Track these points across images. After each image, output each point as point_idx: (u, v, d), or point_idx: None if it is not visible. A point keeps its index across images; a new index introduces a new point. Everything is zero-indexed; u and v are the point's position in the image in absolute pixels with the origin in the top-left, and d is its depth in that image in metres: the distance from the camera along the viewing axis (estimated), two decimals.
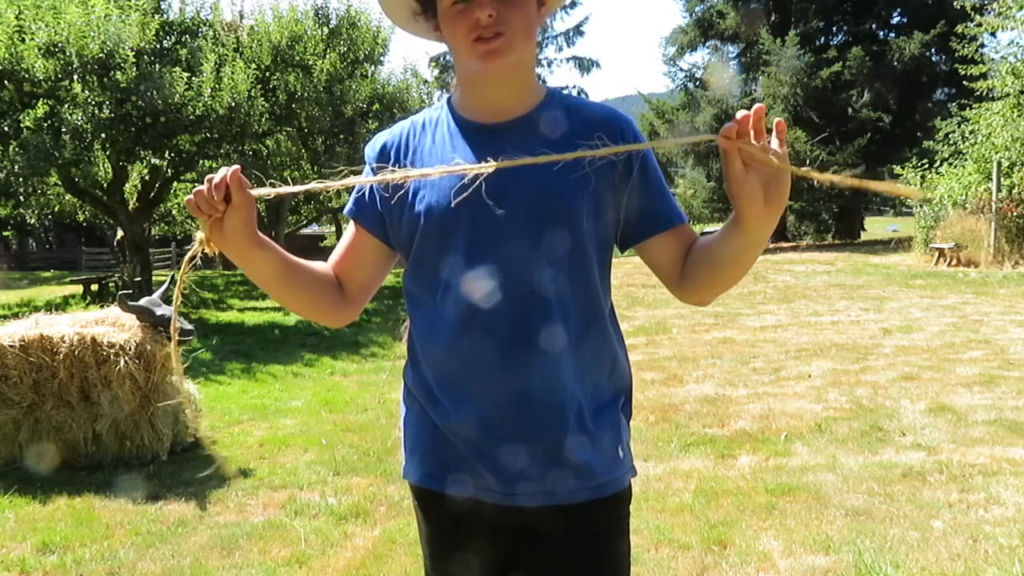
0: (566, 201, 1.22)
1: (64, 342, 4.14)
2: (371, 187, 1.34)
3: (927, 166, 17.30)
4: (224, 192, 1.15)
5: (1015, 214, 14.41)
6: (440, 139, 1.30)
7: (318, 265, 1.36)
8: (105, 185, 12.14)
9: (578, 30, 49.44)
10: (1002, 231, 14.34)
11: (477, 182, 1.15)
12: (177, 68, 9.61)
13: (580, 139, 1.25)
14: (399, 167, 1.29)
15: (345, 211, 1.39)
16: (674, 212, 1.32)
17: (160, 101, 9.33)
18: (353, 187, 1.37)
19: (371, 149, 1.37)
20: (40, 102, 9.45)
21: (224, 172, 1.16)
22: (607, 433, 1.30)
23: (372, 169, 1.34)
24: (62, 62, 9.22)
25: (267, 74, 11.54)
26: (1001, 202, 14.45)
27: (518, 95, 1.28)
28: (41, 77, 9.14)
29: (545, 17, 1.30)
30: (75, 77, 9.37)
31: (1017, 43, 16.28)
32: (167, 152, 11.02)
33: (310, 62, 11.92)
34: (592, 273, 1.27)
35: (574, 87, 37.93)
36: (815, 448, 4.20)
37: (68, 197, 15.21)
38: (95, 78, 9.38)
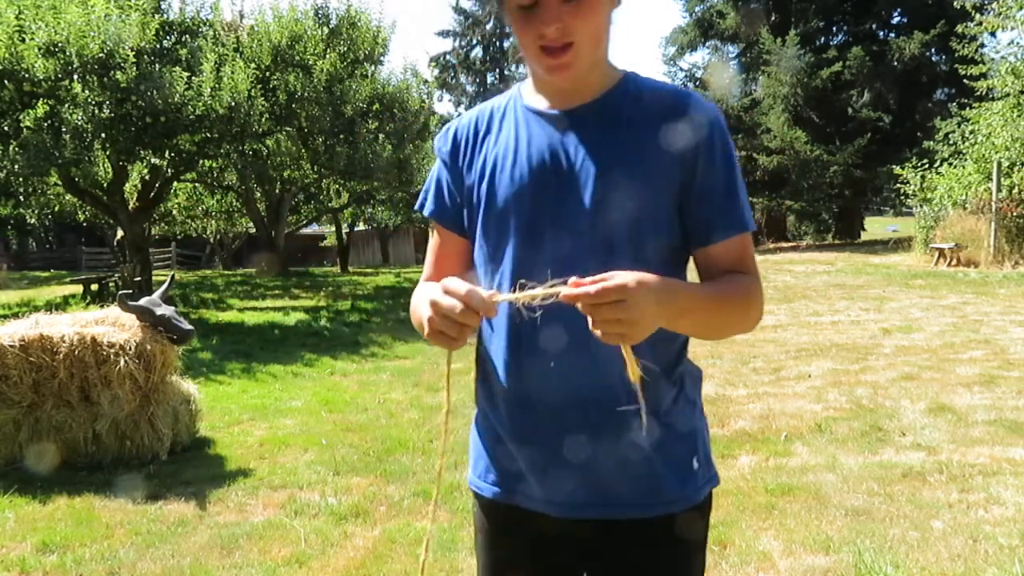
0: (630, 198, 1.17)
1: (64, 342, 4.14)
2: (446, 182, 1.31)
3: (927, 166, 17.30)
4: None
5: (1015, 214, 14.41)
6: (509, 127, 1.27)
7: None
8: (105, 185, 12.13)
9: None
10: (1002, 231, 14.34)
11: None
12: (177, 68, 9.61)
13: (652, 126, 1.19)
14: (468, 155, 1.29)
15: (426, 212, 1.35)
16: (726, 222, 1.20)
17: (160, 101, 9.33)
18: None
19: (442, 140, 1.33)
20: (40, 102, 9.44)
21: (477, 300, 1.04)
22: (678, 442, 1.23)
23: (444, 162, 1.32)
24: (62, 62, 9.22)
25: (267, 74, 11.54)
26: (1001, 202, 14.45)
27: (589, 85, 1.22)
28: (41, 77, 9.14)
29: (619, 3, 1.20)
30: (75, 77, 9.36)
31: (1017, 43, 16.29)
32: (167, 152, 11.02)
33: (310, 62, 11.92)
34: (654, 267, 1.11)
35: None
36: (815, 448, 4.20)
37: (68, 197, 15.21)
38: (95, 78, 9.37)
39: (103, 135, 9.59)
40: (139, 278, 11.20)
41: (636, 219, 1.17)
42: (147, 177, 12.83)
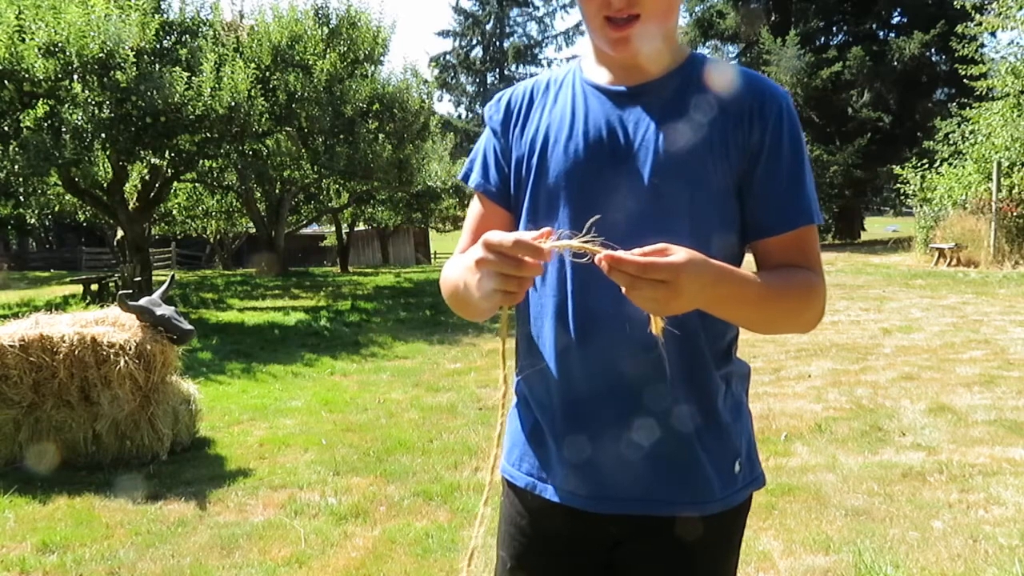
0: (689, 182, 1.11)
1: (64, 342, 4.14)
2: (495, 152, 1.26)
3: (927, 166, 17.32)
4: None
5: (1015, 214, 14.42)
6: (565, 99, 1.21)
7: None
8: (105, 185, 12.13)
9: (578, 29, 49.50)
10: (1002, 231, 14.35)
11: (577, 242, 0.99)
12: (177, 68, 9.61)
13: (717, 109, 1.13)
14: (520, 124, 1.23)
15: (471, 184, 1.27)
16: (790, 212, 1.13)
17: (160, 101, 9.33)
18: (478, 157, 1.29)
19: (494, 108, 1.28)
20: (40, 102, 9.45)
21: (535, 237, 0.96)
22: (720, 441, 1.17)
23: (494, 130, 1.26)
24: (62, 62, 9.21)
25: (267, 74, 11.53)
26: (1001, 202, 14.46)
27: (654, 62, 1.16)
28: (41, 77, 9.13)
29: None
30: (75, 77, 9.37)
31: (1017, 43, 16.31)
32: (167, 152, 11.01)
33: (310, 62, 11.92)
34: (709, 255, 1.03)
35: None
36: (815, 448, 4.20)
37: (68, 197, 15.21)
38: (95, 78, 9.37)
39: (103, 135, 9.59)
40: (139, 278, 11.20)
41: (693, 204, 1.11)
42: (147, 177, 12.83)
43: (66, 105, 9.47)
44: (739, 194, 1.14)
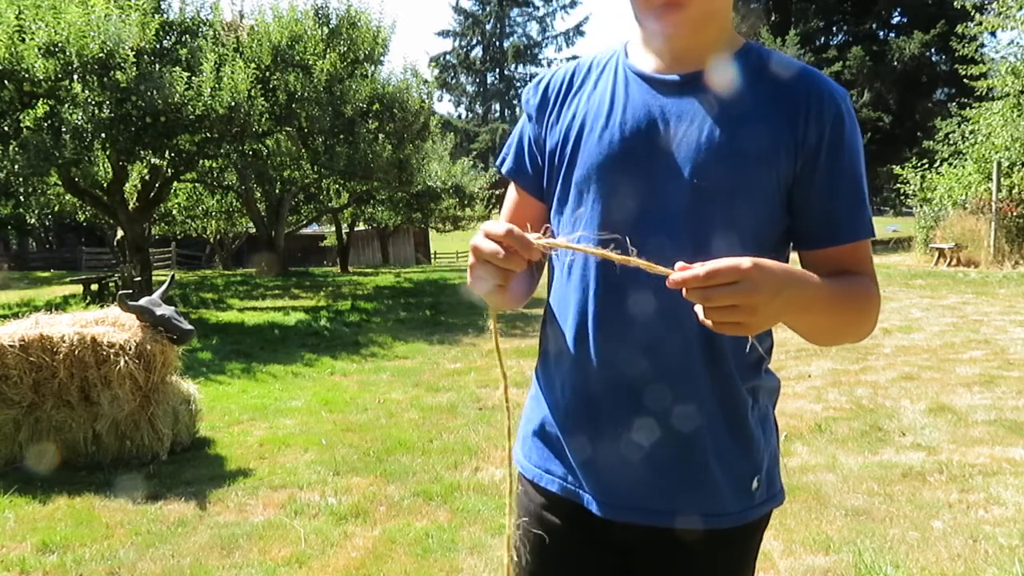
0: (733, 182, 1.04)
1: (64, 342, 4.14)
2: (529, 139, 1.21)
3: (927, 166, 17.33)
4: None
5: (1015, 214, 14.43)
6: (605, 85, 1.13)
7: None
8: (105, 185, 12.13)
9: (578, 30, 49.54)
10: (1002, 231, 14.35)
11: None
12: (177, 68, 9.61)
13: (768, 108, 1.05)
14: (556, 110, 1.17)
15: (504, 171, 1.24)
16: (851, 225, 1.07)
17: (160, 101, 9.33)
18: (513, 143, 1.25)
19: (531, 92, 1.22)
20: (40, 102, 9.45)
21: (504, 229, 0.95)
22: (739, 455, 1.11)
23: (530, 116, 1.21)
24: (62, 62, 9.21)
25: (267, 74, 11.53)
26: (1001, 202, 14.47)
27: (701, 46, 1.08)
28: (41, 77, 9.13)
29: None
30: (75, 77, 9.36)
31: (1017, 43, 16.32)
32: (167, 152, 11.01)
33: (310, 62, 11.92)
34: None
35: None
36: (815, 448, 4.20)
37: (68, 197, 15.21)
38: (95, 78, 9.37)
39: (103, 135, 9.59)
40: (139, 278, 11.19)
41: (734, 206, 1.04)
42: (147, 177, 12.83)
43: (66, 105, 9.46)
44: (789, 198, 1.07)
